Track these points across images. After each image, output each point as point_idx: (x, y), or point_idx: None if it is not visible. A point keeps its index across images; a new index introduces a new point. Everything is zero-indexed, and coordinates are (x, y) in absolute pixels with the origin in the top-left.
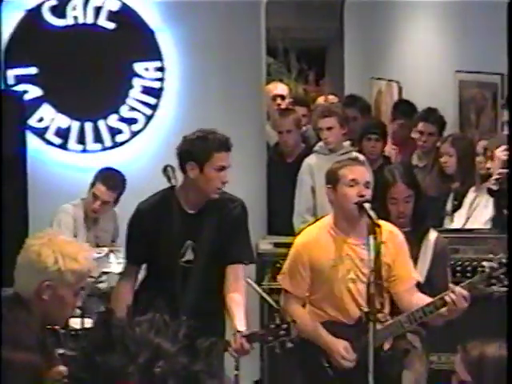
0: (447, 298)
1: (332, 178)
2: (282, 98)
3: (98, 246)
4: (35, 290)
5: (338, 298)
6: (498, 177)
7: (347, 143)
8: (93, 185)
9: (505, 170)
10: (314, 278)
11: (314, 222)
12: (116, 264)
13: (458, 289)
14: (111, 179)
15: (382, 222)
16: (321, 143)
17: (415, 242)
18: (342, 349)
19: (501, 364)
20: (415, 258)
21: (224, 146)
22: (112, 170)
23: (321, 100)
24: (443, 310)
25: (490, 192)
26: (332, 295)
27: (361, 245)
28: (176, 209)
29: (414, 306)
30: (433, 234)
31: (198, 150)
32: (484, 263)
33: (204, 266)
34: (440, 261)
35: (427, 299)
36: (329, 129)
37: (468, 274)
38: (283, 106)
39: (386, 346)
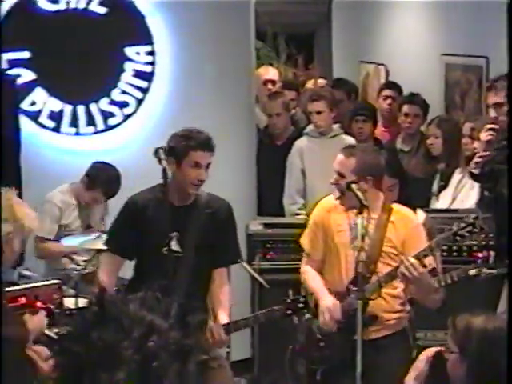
0: (399, 271)
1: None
2: (273, 82)
3: (89, 226)
4: None
5: (341, 263)
6: (478, 160)
7: (336, 126)
8: (91, 184)
9: (485, 153)
10: (326, 241)
11: (304, 205)
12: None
13: (407, 260)
14: (111, 188)
15: (399, 206)
16: (311, 126)
17: None
18: (331, 306)
19: (486, 335)
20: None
21: (202, 146)
22: (111, 172)
23: (310, 84)
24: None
25: (472, 176)
26: (336, 259)
27: (370, 219)
28: (165, 201)
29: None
30: (421, 215)
31: (177, 146)
32: (454, 226)
33: (190, 258)
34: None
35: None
36: (318, 113)
37: (453, 254)
38: (274, 90)
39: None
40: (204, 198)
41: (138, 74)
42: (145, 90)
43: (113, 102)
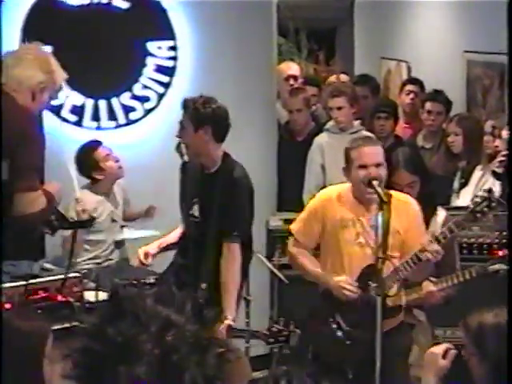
0: (422, 257)
1: (347, 158)
2: (295, 78)
3: (113, 220)
4: None
5: (343, 258)
6: (501, 159)
7: (357, 122)
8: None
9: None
10: (325, 235)
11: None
12: (129, 233)
13: (430, 246)
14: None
15: (397, 193)
16: (331, 122)
17: (423, 220)
18: (342, 282)
19: (500, 330)
20: None
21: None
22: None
23: (332, 79)
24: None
25: (495, 174)
26: (339, 255)
27: (372, 216)
28: (198, 169)
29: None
30: (442, 213)
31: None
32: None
33: (204, 225)
34: (448, 240)
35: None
36: (339, 108)
37: (474, 251)
38: (295, 86)
39: (392, 325)
40: (227, 165)
41: (160, 69)
42: (166, 85)
43: (134, 97)
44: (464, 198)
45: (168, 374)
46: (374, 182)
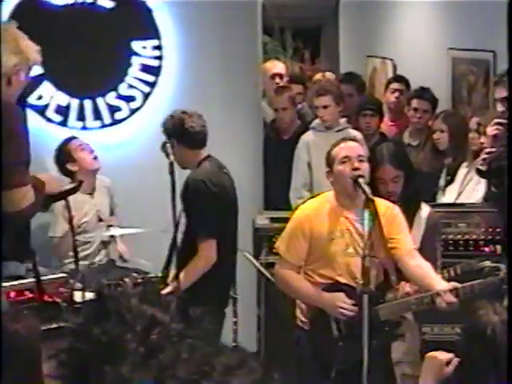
0: (437, 301)
1: (328, 161)
2: (281, 76)
3: (100, 220)
4: None
5: (335, 271)
6: (485, 156)
7: (343, 120)
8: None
9: (492, 149)
10: (313, 250)
11: (311, 197)
12: (116, 230)
13: (447, 298)
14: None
15: (377, 199)
16: (317, 120)
17: (407, 216)
18: (338, 301)
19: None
20: None
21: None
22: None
23: (318, 77)
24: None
25: (479, 172)
26: (330, 268)
27: (360, 220)
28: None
29: (413, 271)
30: (425, 210)
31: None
32: (486, 263)
33: (186, 226)
34: (430, 235)
35: (425, 266)
36: (325, 107)
37: (460, 248)
38: (281, 85)
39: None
40: (195, 169)
41: (145, 69)
42: (152, 85)
43: (120, 97)
44: (450, 195)
45: (153, 372)
46: (361, 180)
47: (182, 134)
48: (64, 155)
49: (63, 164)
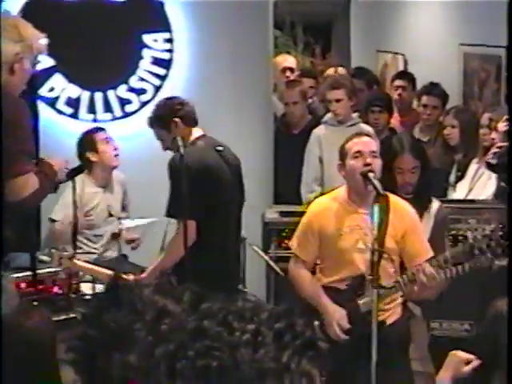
0: (417, 278)
1: (341, 154)
2: (291, 70)
3: (110, 215)
4: None
5: (345, 267)
6: (496, 150)
7: (355, 115)
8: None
9: (504, 144)
10: (324, 247)
11: (322, 193)
12: (129, 222)
13: (427, 268)
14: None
15: (395, 198)
16: (329, 114)
17: (417, 210)
18: (339, 317)
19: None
20: None
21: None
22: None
23: (330, 71)
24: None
25: (489, 166)
26: (340, 264)
27: (371, 215)
28: None
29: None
30: (435, 204)
31: None
32: (468, 234)
33: None
34: (439, 230)
35: None
36: (337, 101)
37: None
38: (292, 78)
39: (390, 320)
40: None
41: (156, 61)
42: (162, 77)
43: (130, 89)
44: (460, 191)
45: (160, 362)
46: (370, 175)
47: (177, 112)
48: (88, 143)
49: (84, 151)
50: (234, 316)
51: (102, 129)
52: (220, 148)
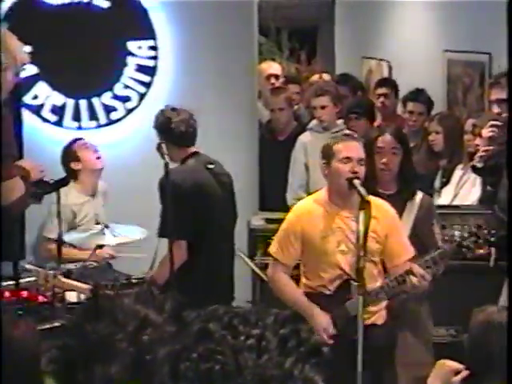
0: (408, 279)
1: (327, 154)
2: (276, 77)
3: (97, 223)
4: None
5: (329, 269)
6: (482, 154)
7: (340, 121)
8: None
9: (489, 148)
10: (306, 250)
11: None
12: (112, 237)
13: (416, 269)
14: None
15: (372, 198)
16: (314, 121)
17: (400, 203)
18: (325, 322)
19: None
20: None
21: None
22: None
23: (315, 78)
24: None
25: (474, 169)
26: (324, 266)
27: (352, 217)
28: None
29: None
30: (418, 195)
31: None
32: (455, 233)
33: None
34: (425, 218)
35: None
36: (322, 107)
37: None
38: (277, 85)
39: (378, 322)
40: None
41: (141, 69)
42: (147, 85)
43: (115, 97)
44: (445, 197)
45: (142, 373)
46: (356, 181)
47: (168, 132)
48: (68, 154)
49: (67, 162)
50: (240, 320)
51: (80, 138)
52: (211, 166)
